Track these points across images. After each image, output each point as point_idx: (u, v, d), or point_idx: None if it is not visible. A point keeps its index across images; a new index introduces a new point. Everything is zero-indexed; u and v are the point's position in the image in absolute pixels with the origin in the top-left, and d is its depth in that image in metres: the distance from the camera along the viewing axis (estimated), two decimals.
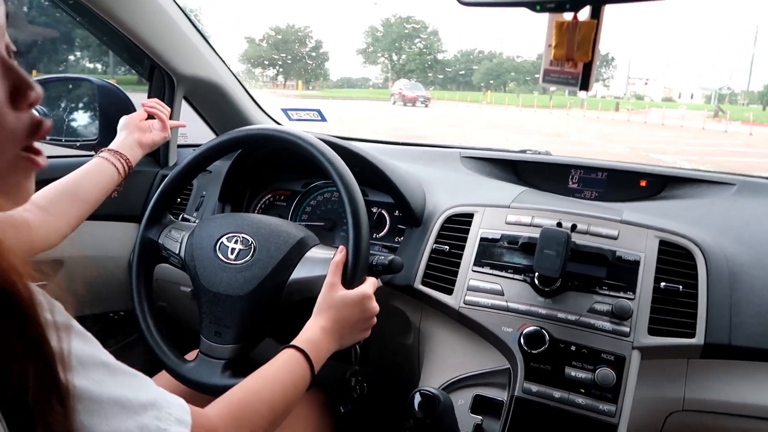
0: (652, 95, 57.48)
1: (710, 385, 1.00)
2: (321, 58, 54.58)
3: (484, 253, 1.11)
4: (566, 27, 1.00)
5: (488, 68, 56.71)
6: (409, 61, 56.20)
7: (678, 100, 56.98)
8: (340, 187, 0.98)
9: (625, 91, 54.46)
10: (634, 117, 25.95)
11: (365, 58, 58.48)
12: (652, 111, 27.46)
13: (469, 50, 63.03)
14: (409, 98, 27.35)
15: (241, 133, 1.09)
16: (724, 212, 1.22)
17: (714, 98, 50.39)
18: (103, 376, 0.49)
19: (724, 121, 22.98)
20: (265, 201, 1.45)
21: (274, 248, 1.01)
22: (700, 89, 63.10)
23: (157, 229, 1.10)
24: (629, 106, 29.42)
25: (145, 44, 1.36)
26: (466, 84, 57.61)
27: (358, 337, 0.96)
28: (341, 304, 0.92)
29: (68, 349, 0.45)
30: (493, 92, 48.06)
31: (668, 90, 62.43)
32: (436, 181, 1.34)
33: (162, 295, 1.47)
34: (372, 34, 57.33)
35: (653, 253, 1.04)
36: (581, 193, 1.42)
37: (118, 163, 1.14)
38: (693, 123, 22.43)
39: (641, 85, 60.93)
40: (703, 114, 25.14)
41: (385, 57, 57.36)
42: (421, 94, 28.29)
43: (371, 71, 59.71)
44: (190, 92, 1.59)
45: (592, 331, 0.98)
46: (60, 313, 0.47)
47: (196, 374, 0.99)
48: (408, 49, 56.56)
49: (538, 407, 0.97)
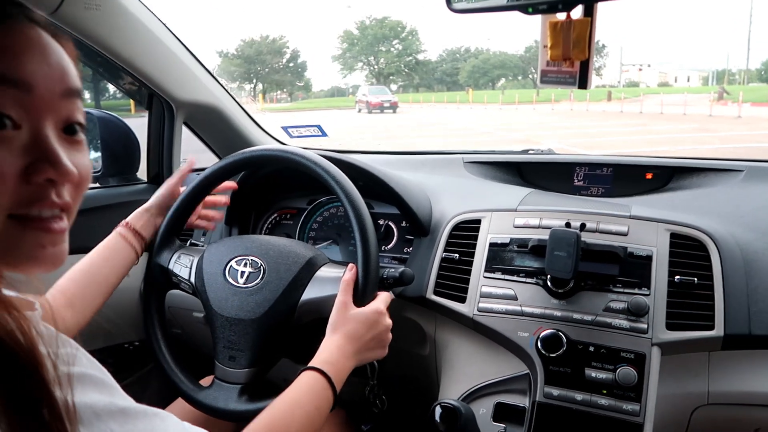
0: (647, 81, 57.23)
1: (734, 377, 0.99)
2: (299, 68, 54.05)
3: (494, 259, 1.10)
4: (560, 27, 1.00)
5: (474, 66, 56.25)
6: (388, 64, 55.50)
7: (674, 84, 56.73)
8: (345, 204, 0.98)
9: (619, 78, 54.15)
10: (628, 107, 23.17)
11: (342, 65, 57.63)
12: (649, 98, 25.29)
13: (455, 49, 62.56)
14: (374, 104, 25.49)
15: (244, 155, 1.09)
16: (734, 200, 1.20)
17: (712, 79, 50.12)
18: (121, 424, 0.48)
19: (731, 104, 20.76)
20: (272, 221, 1.45)
21: (283, 269, 1.01)
22: (696, 72, 62.87)
23: (166, 255, 1.10)
24: (623, 95, 27.66)
25: (142, 74, 1.36)
26: (453, 83, 57.17)
27: (375, 354, 0.96)
28: (355, 321, 0.91)
29: (76, 401, 0.44)
30: (480, 90, 47.73)
31: (663, 75, 62.20)
32: (440, 189, 1.34)
33: (175, 323, 1.47)
34: (347, 38, 56.28)
35: (665, 247, 1.03)
36: (587, 190, 1.41)
37: (137, 244, 1.08)
38: (697, 109, 19.68)
39: (635, 72, 60.67)
40: (707, 98, 22.83)
41: (363, 62, 56.81)
42: (386, 99, 26.29)
43: (359, 78, 59.21)
44: (190, 117, 1.59)
45: (609, 331, 0.97)
46: (71, 361, 0.47)
47: (212, 400, 0.98)
48: (386, 51, 55.77)
49: (560, 411, 0.96)
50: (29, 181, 0.47)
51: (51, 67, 0.50)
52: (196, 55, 1.50)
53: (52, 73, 0.49)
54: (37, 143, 0.48)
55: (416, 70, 56.91)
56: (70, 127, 0.52)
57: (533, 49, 53.63)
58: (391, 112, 25.32)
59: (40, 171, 0.47)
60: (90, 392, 0.47)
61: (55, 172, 0.48)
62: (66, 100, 0.51)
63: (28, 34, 0.49)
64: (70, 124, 0.52)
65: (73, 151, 0.52)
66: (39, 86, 0.48)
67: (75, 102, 0.52)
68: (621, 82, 53.01)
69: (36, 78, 0.48)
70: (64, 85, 0.51)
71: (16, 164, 0.46)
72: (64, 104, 0.51)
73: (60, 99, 0.50)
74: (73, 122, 0.52)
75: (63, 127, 0.51)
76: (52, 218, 0.50)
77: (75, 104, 0.52)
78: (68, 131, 0.52)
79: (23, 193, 0.47)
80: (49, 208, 0.49)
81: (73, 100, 0.52)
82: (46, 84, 0.49)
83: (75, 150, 0.52)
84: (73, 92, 0.52)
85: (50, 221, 0.49)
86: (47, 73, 0.49)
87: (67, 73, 0.51)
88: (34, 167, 0.47)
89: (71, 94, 0.51)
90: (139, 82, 1.41)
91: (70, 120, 0.52)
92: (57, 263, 0.50)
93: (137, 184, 1.61)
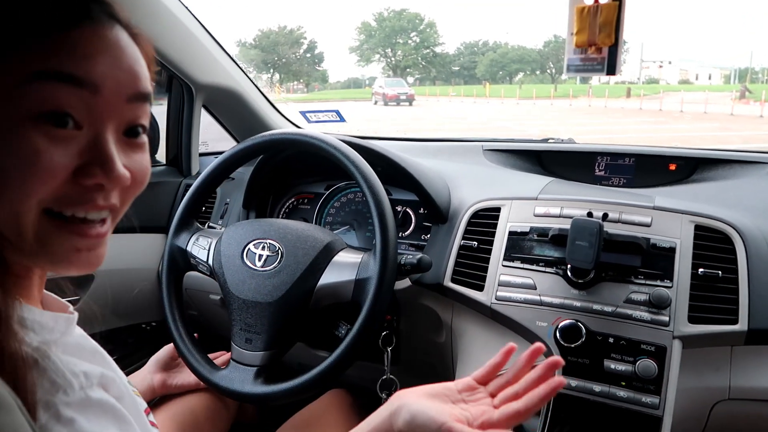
0: (667, 78, 56.38)
1: (757, 372, 0.97)
2: (316, 58, 53.84)
3: (513, 247, 1.09)
4: (587, 12, 0.98)
5: (492, 59, 55.65)
6: (405, 56, 55.08)
7: (696, 82, 55.83)
8: (365, 190, 0.98)
9: (639, 75, 53.35)
10: (647, 104, 22.53)
11: (359, 56, 57.14)
12: (669, 96, 24.85)
13: (473, 42, 61.98)
14: (390, 96, 25.56)
15: (263, 138, 1.09)
16: (761, 192, 1.18)
17: (734, 77, 49.27)
18: None
19: (753, 103, 20.35)
20: (289, 205, 1.45)
21: (301, 253, 1.01)
22: (718, 69, 61.82)
23: (184, 237, 1.11)
24: (642, 92, 27.16)
25: (162, 55, 1.36)
26: (470, 77, 56.70)
27: None
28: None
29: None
30: (497, 84, 47.28)
31: (684, 72, 61.25)
32: (459, 176, 1.32)
33: (192, 304, 1.48)
34: (364, 30, 55.77)
35: (689, 239, 1.01)
36: (609, 180, 1.39)
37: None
38: (718, 108, 19.11)
39: (656, 69, 59.76)
40: (729, 96, 22.37)
41: (380, 54, 56.42)
42: (403, 91, 26.33)
43: (376, 70, 58.82)
44: (209, 100, 1.59)
45: (629, 322, 0.96)
46: (88, 385, 0.47)
47: (228, 382, 0.99)
48: (403, 44, 55.31)
49: (578, 402, 0.95)
50: (78, 183, 0.46)
51: (122, 70, 0.48)
52: (216, 38, 1.50)
53: (123, 77, 0.48)
54: (95, 145, 0.47)
55: (433, 63, 56.49)
56: (133, 129, 0.51)
57: (552, 43, 53.14)
58: (407, 105, 25.18)
59: (91, 175, 0.46)
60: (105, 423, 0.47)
61: (106, 178, 0.47)
62: (132, 104, 0.50)
63: (104, 35, 0.47)
64: (133, 126, 0.51)
65: (131, 153, 0.51)
66: (107, 89, 0.47)
67: (142, 106, 0.51)
68: (641, 78, 52.24)
69: (105, 81, 0.47)
70: (133, 90, 0.49)
71: (70, 163, 0.46)
72: (130, 108, 0.50)
73: (126, 103, 0.49)
74: (137, 125, 0.51)
75: (125, 130, 0.51)
76: (93, 222, 0.49)
77: (141, 108, 0.51)
78: (130, 133, 0.51)
79: (70, 193, 0.46)
80: (95, 211, 0.49)
81: (140, 104, 0.51)
82: (115, 87, 0.48)
83: (134, 152, 0.52)
84: (141, 96, 0.50)
85: (90, 226, 0.49)
86: (118, 76, 0.48)
87: (138, 77, 0.50)
88: (85, 170, 0.46)
89: (139, 98, 0.50)
90: (159, 64, 1.41)
91: (134, 123, 0.51)
92: (92, 267, 0.50)
93: (156, 166, 1.62)
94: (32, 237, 0.46)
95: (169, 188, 1.56)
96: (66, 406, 0.44)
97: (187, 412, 1.09)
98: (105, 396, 0.48)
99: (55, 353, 0.46)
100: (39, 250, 0.47)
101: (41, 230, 0.46)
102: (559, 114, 20.06)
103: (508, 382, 0.70)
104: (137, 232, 1.47)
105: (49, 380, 0.44)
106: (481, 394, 0.71)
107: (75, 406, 0.45)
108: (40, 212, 0.46)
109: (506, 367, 0.82)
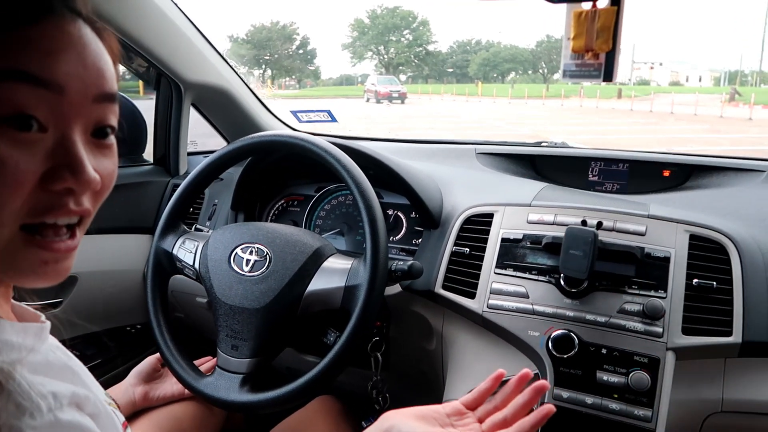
0: (658, 80, 56.78)
1: (750, 385, 0.96)
2: (309, 55, 53.71)
3: (506, 255, 1.07)
4: (585, 16, 0.96)
5: (485, 58, 55.85)
6: (398, 54, 55.11)
7: (686, 83, 56.24)
8: (356, 195, 0.96)
9: (630, 76, 53.68)
10: (638, 105, 22.80)
11: (352, 53, 57.09)
12: (659, 97, 24.93)
13: (466, 41, 62.15)
14: (382, 94, 25.40)
15: (253, 139, 1.07)
16: (756, 201, 1.17)
17: (724, 80, 49.68)
18: None
19: (743, 105, 20.45)
20: (279, 207, 1.43)
21: (290, 259, 0.98)
22: (708, 71, 62.31)
23: (171, 240, 1.08)
24: (633, 93, 27.27)
25: (151, 53, 1.33)
26: (462, 76, 56.85)
27: None
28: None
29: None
30: (490, 83, 47.40)
31: (675, 74, 61.68)
32: (452, 180, 1.30)
33: (179, 307, 1.45)
34: (357, 27, 55.67)
35: (684, 249, 0.99)
36: (602, 186, 1.38)
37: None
38: (708, 110, 19.30)
39: (647, 70, 60.16)
40: (719, 99, 22.57)
41: (373, 51, 56.34)
42: (395, 89, 26.27)
43: (369, 67, 58.77)
44: (198, 99, 1.57)
45: (623, 333, 0.94)
46: (57, 406, 0.44)
47: (213, 390, 0.96)
48: (396, 41, 55.30)
49: (570, 414, 0.93)
50: (47, 189, 0.44)
51: (87, 69, 0.45)
52: (206, 36, 1.47)
53: (88, 76, 0.45)
54: (62, 148, 0.44)
55: (426, 61, 56.53)
56: (101, 130, 0.49)
57: (544, 43, 53.34)
58: (399, 103, 25.13)
59: (59, 179, 0.44)
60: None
61: (76, 182, 0.45)
62: (99, 105, 0.47)
63: (67, 31, 0.44)
64: (101, 127, 0.48)
65: (99, 156, 0.49)
66: (72, 89, 0.44)
67: (110, 106, 0.48)
68: (632, 80, 52.52)
69: (70, 80, 0.44)
70: (98, 89, 0.47)
71: (38, 169, 0.43)
72: (96, 108, 0.47)
73: (92, 103, 0.46)
74: (105, 126, 0.49)
75: (93, 131, 0.48)
76: (62, 230, 0.46)
77: (109, 108, 0.49)
78: (98, 134, 0.49)
79: (40, 201, 0.44)
80: (66, 217, 0.46)
81: (108, 104, 0.48)
82: (80, 87, 0.45)
83: (102, 154, 0.49)
84: (108, 96, 0.48)
85: (58, 240, 0.46)
86: (82, 75, 0.45)
87: (103, 76, 0.47)
88: (54, 174, 0.44)
89: (106, 98, 0.48)
90: (148, 62, 1.38)
91: (101, 124, 0.48)
92: (59, 279, 0.48)
93: (143, 165, 1.59)
94: (1, 251, 0.43)
95: (156, 188, 1.54)
96: (33, 430, 0.42)
97: (173, 421, 1.06)
98: (77, 417, 0.46)
99: (21, 373, 0.43)
100: (5, 263, 0.44)
101: (11, 244, 0.44)
102: (551, 114, 20.14)
103: (496, 407, 0.70)
104: (123, 233, 1.45)
105: (15, 403, 0.42)
106: (469, 419, 0.70)
107: (43, 430, 0.42)
108: (17, 229, 0.43)
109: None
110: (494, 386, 0.73)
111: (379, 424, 0.67)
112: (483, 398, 0.73)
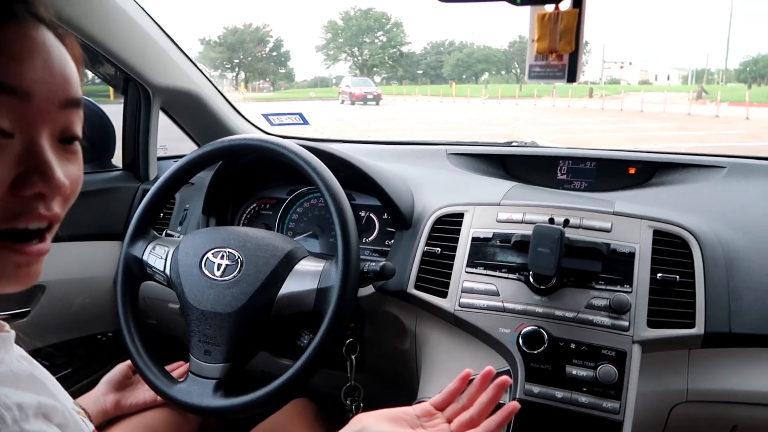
0: (628, 79, 57.81)
1: (713, 375, 0.99)
2: (282, 57, 53.40)
3: (476, 254, 1.09)
4: (548, 18, 0.98)
5: (458, 59, 56.15)
6: (372, 55, 55.01)
7: (655, 82, 57.37)
8: (327, 198, 0.96)
9: (601, 75, 54.62)
10: (609, 104, 22.76)
11: (326, 55, 56.85)
12: (629, 96, 25.32)
13: (440, 42, 62.38)
14: (357, 96, 25.06)
15: (223, 144, 1.06)
16: (717, 197, 1.20)
17: (691, 78, 50.80)
18: None
19: (709, 103, 20.79)
20: (251, 211, 1.42)
21: (261, 262, 0.98)
22: (676, 70, 63.65)
23: (141, 246, 1.07)
24: (604, 92, 27.71)
25: (117, 57, 1.31)
26: (437, 77, 57.12)
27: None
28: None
29: None
30: (464, 84, 47.73)
31: (644, 73, 62.88)
32: (423, 181, 1.32)
33: (151, 313, 1.44)
34: (331, 29, 55.37)
35: (648, 244, 1.02)
36: (570, 184, 1.41)
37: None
38: (676, 107, 19.51)
39: (617, 69, 61.22)
40: (687, 97, 23.00)
41: (347, 53, 56.29)
42: (370, 90, 25.91)
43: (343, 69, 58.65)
44: (167, 103, 1.55)
45: (591, 328, 0.97)
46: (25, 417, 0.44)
47: (186, 396, 0.96)
48: (370, 43, 55.21)
49: (540, 408, 0.95)
50: (18, 194, 0.44)
51: (53, 74, 0.45)
52: (175, 40, 1.46)
53: (53, 82, 0.45)
54: (31, 153, 0.44)
55: (400, 63, 56.58)
56: (68, 136, 0.49)
57: (517, 44, 53.85)
58: (374, 104, 25.02)
59: (29, 184, 0.44)
60: None
61: (46, 186, 0.45)
62: (66, 111, 0.47)
63: (30, 37, 0.44)
64: (67, 134, 0.48)
65: (65, 162, 0.49)
66: (37, 95, 0.44)
67: (75, 112, 0.48)
68: (602, 79, 53.40)
69: (35, 86, 0.44)
70: (64, 95, 0.47)
71: (6, 175, 0.43)
72: (63, 115, 0.47)
73: (59, 109, 0.46)
74: (71, 132, 0.49)
75: (60, 137, 0.48)
76: (33, 235, 0.46)
77: (75, 114, 0.48)
78: (64, 141, 0.48)
79: (10, 207, 0.44)
80: (36, 221, 0.46)
81: (74, 110, 0.48)
82: (46, 93, 0.45)
83: (68, 160, 0.49)
84: (74, 102, 0.48)
85: (30, 243, 0.46)
86: (48, 81, 0.45)
87: (69, 82, 0.47)
88: (24, 180, 0.44)
89: (72, 104, 0.48)
90: (114, 67, 1.36)
91: (68, 131, 0.48)
92: (30, 283, 0.48)
93: (112, 170, 1.56)
94: None
95: (125, 194, 1.51)
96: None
97: (146, 428, 1.05)
98: (43, 428, 0.46)
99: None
100: None
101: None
102: (524, 114, 20.34)
103: (464, 407, 0.72)
104: (92, 240, 1.42)
105: None
106: (438, 420, 0.71)
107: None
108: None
109: (469, 369, 0.83)
110: (462, 386, 0.74)
111: (351, 426, 0.68)
112: (452, 398, 0.74)
